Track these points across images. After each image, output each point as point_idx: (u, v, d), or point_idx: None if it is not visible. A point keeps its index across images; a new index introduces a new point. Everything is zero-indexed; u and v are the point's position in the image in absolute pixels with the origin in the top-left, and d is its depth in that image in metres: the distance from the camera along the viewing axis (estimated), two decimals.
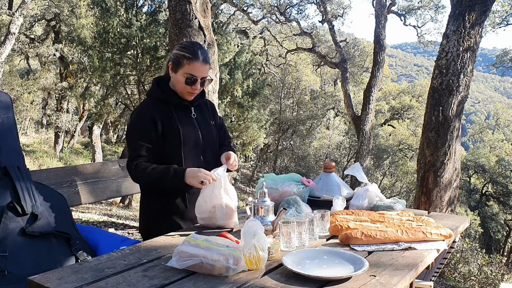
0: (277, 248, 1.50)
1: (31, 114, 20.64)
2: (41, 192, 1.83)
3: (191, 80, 1.95)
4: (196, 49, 1.96)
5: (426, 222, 1.84)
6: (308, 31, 15.46)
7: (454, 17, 5.28)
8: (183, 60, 1.94)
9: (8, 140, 1.85)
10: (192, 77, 1.94)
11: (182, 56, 1.94)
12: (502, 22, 12.04)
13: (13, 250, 1.61)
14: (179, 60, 1.95)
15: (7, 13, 12.10)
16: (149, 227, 2.02)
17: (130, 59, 9.35)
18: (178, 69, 1.96)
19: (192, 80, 1.95)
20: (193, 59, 1.93)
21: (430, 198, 5.36)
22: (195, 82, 1.96)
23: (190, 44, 2.02)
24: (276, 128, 18.70)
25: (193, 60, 1.93)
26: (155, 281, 1.27)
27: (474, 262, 6.52)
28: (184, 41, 2.12)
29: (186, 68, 1.94)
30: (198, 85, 1.98)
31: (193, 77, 1.95)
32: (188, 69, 1.94)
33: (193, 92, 2.00)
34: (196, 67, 1.94)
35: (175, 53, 1.98)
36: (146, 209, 2.05)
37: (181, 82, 1.96)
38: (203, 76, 1.98)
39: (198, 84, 1.97)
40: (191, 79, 1.95)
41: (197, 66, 1.94)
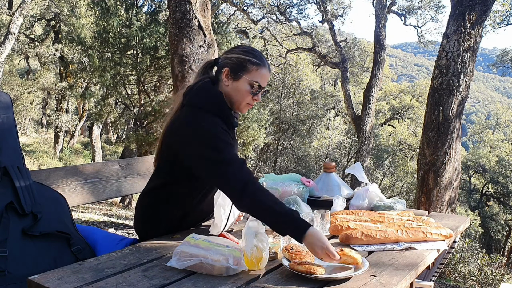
0: (277, 248, 1.50)
1: (31, 114, 20.66)
2: (41, 192, 1.83)
3: (257, 89, 1.69)
4: (261, 54, 1.74)
5: (426, 222, 1.84)
6: (308, 31, 15.47)
7: (454, 17, 5.28)
8: (250, 66, 1.68)
9: (8, 140, 1.85)
10: (258, 85, 1.69)
11: (247, 61, 1.68)
12: (502, 22, 12.04)
13: (13, 250, 1.61)
14: (244, 65, 1.68)
15: (7, 13, 12.10)
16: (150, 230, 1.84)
17: (130, 59, 9.36)
18: (241, 76, 1.68)
19: (258, 88, 1.70)
20: (261, 65, 1.69)
21: (430, 198, 5.36)
22: (259, 92, 1.71)
23: (253, 49, 1.76)
24: (276, 128, 18.70)
25: (261, 65, 1.69)
26: (155, 281, 1.27)
27: (474, 262, 6.52)
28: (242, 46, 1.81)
29: (253, 75, 1.68)
30: (260, 96, 1.73)
31: (259, 85, 1.69)
32: (256, 75, 1.68)
33: (252, 104, 1.73)
34: (263, 74, 1.70)
35: (235, 58, 1.70)
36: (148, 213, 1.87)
37: (243, 91, 1.68)
38: (265, 86, 1.74)
39: (260, 95, 1.72)
40: (257, 87, 1.69)
41: (264, 73, 1.71)
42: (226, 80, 1.70)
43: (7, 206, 1.68)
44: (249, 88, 1.68)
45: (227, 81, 1.70)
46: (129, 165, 2.67)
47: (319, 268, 1.31)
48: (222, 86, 1.72)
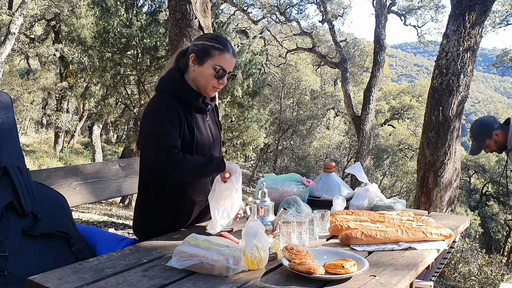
0: (277, 248, 1.50)
1: (31, 114, 20.65)
2: (41, 192, 1.83)
3: (221, 72, 1.80)
4: (225, 41, 1.85)
5: (426, 222, 1.84)
6: (308, 31, 15.46)
7: (454, 17, 5.28)
8: (213, 51, 1.79)
9: (8, 140, 1.85)
10: (222, 69, 1.80)
11: (211, 47, 1.80)
12: (502, 22, 12.04)
13: (13, 250, 1.61)
14: (208, 51, 1.80)
15: (7, 13, 12.10)
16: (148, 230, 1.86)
17: (130, 59, 9.36)
18: (205, 61, 1.80)
19: (222, 72, 1.81)
20: (224, 50, 1.81)
21: (430, 198, 5.36)
22: (224, 76, 1.82)
23: (217, 36, 1.88)
24: (276, 128, 18.70)
25: (224, 51, 1.81)
26: (155, 281, 1.27)
27: (474, 262, 6.51)
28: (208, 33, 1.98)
29: (216, 59, 1.79)
30: (225, 80, 1.84)
31: (223, 69, 1.80)
32: (219, 60, 1.80)
33: (218, 87, 1.85)
34: (227, 59, 1.81)
35: (200, 44, 1.83)
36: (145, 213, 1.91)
37: (207, 75, 1.80)
38: (230, 71, 1.85)
39: (225, 79, 1.84)
40: (221, 71, 1.80)
41: (228, 58, 1.81)
42: (193, 65, 1.83)
43: (7, 206, 1.68)
44: (213, 72, 1.80)
45: (193, 66, 1.83)
46: (129, 165, 2.67)
47: (319, 268, 1.31)
48: (189, 71, 1.85)
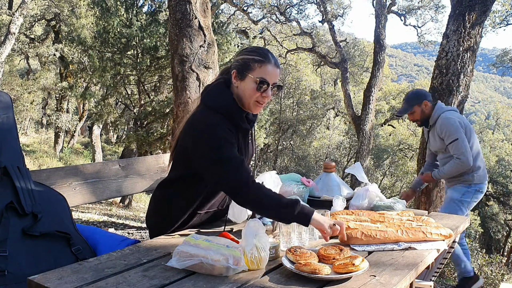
0: (277, 248, 1.50)
1: (31, 114, 20.67)
2: (41, 192, 1.83)
3: (264, 85, 1.70)
4: (266, 51, 1.77)
5: (426, 222, 1.84)
6: (308, 31, 15.46)
7: (454, 17, 5.28)
8: (253, 64, 1.71)
9: (8, 140, 1.85)
10: (265, 82, 1.70)
11: (251, 60, 1.72)
12: (502, 22, 12.04)
13: (13, 250, 1.61)
14: (248, 64, 1.71)
15: (7, 13, 12.10)
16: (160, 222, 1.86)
17: (130, 59, 9.36)
18: (246, 75, 1.71)
19: (265, 85, 1.71)
20: (265, 61, 1.72)
21: (430, 198, 5.36)
22: (267, 88, 1.72)
23: (258, 48, 1.80)
24: (276, 128, 18.70)
25: (265, 62, 1.72)
26: (155, 281, 1.27)
27: (474, 262, 6.52)
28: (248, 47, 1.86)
29: (258, 72, 1.70)
30: (269, 92, 1.73)
31: (265, 82, 1.70)
32: (260, 72, 1.70)
33: (263, 102, 1.75)
34: (269, 70, 1.71)
35: (240, 59, 1.75)
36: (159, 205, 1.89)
37: (250, 90, 1.71)
38: (275, 82, 1.75)
39: (269, 91, 1.73)
40: (264, 84, 1.70)
41: (270, 69, 1.72)
42: (235, 81, 1.75)
43: (7, 206, 1.68)
44: (255, 85, 1.71)
45: (236, 82, 1.75)
46: (129, 165, 2.67)
47: (324, 268, 1.31)
48: (233, 88, 1.77)
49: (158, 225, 1.87)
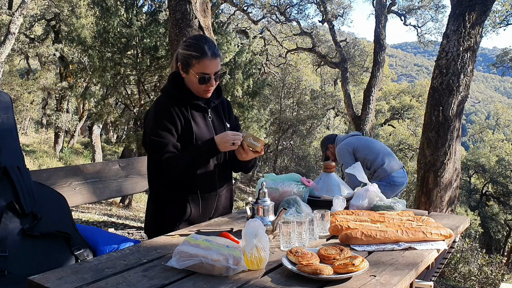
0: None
1: (31, 114, 20.67)
2: (41, 192, 1.83)
3: (204, 79, 1.85)
4: (202, 44, 1.85)
5: (426, 222, 1.83)
6: (308, 31, 15.46)
7: (454, 17, 5.28)
8: (191, 60, 1.84)
9: (8, 140, 1.85)
10: (204, 76, 1.85)
11: (189, 56, 1.85)
12: (503, 22, 12.04)
13: (13, 250, 1.61)
14: (187, 61, 1.86)
15: (7, 13, 12.11)
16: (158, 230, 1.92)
17: (130, 59, 9.35)
18: (188, 70, 1.87)
19: (206, 78, 1.85)
20: (201, 56, 1.83)
21: (430, 198, 5.36)
22: (209, 80, 1.86)
23: (195, 41, 1.90)
24: (276, 128, 18.70)
25: (201, 57, 1.83)
26: (155, 281, 1.26)
27: (474, 262, 6.52)
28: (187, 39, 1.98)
29: (197, 68, 1.84)
30: (213, 82, 1.88)
31: (206, 75, 1.85)
32: (199, 68, 1.84)
33: (208, 90, 1.91)
34: (207, 65, 1.84)
35: (181, 53, 1.89)
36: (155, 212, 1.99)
37: (194, 83, 1.87)
38: (216, 71, 1.87)
39: (212, 81, 1.88)
40: (204, 78, 1.85)
41: (207, 63, 1.84)
42: (182, 73, 1.92)
43: (7, 206, 1.68)
44: (197, 80, 1.86)
45: (182, 73, 1.92)
46: (129, 165, 2.68)
47: (326, 269, 1.31)
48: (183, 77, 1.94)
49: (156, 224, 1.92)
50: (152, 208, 2.01)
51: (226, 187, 2.07)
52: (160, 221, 1.97)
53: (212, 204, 2.00)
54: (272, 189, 2.06)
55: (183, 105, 1.90)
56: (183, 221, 1.93)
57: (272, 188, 2.07)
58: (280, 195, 2.08)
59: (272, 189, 2.06)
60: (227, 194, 2.09)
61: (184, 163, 1.83)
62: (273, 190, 2.07)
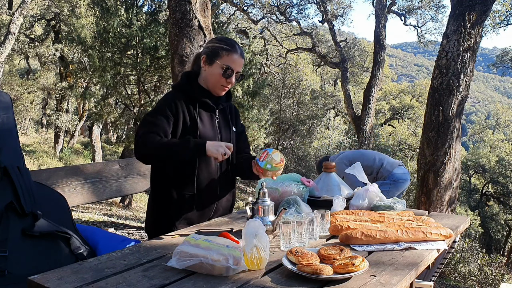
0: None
1: (31, 114, 20.67)
2: (41, 192, 1.83)
3: (228, 71, 1.91)
4: (234, 42, 1.96)
5: (426, 222, 1.83)
6: (308, 31, 15.46)
7: (455, 17, 5.28)
8: (222, 52, 1.91)
9: (8, 140, 1.85)
10: (229, 69, 1.91)
11: (220, 48, 1.92)
12: (503, 22, 12.04)
13: (13, 250, 1.61)
14: (217, 52, 1.91)
15: (7, 13, 12.10)
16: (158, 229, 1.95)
17: (130, 59, 9.35)
18: (214, 61, 1.92)
19: (229, 72, 1.92)
20: (232, 51, 1.92)
21: (430, 198, 5.36)
22: (232, 75, 1.93)
23: (227, 38, 2.00)
24: (276, 128, 18.69)
25: (231, 52, 1.91)
26: (155, 281, 1.26)
27: (474, 262, 6.51)
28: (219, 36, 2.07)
29: (225, 59, 1.91)
30: (233, 79, 1.94)
31: (230, 69, 1.91)
32: (227, 60, 1.91)
33: (227, 86, 1.96)
34: (235, 59, 1.92)
35: (210, 46, 1.95)
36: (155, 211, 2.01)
37: (216, 75, 1.92)
38: (238, 71, 1.95)
39: (233, 78, 1.94)
40: (228, 70, 1.91)
41: (235, 59, 1.92)
42: (204, 66, 1.96)
43: (7, 206, 1.68)
44: (221, 71, 1.91)
45: (204, 66, 1.96)
46: (129, 165, 2.68)
47: (326, 269, 1.31)
48: (202, 72, 1.98)
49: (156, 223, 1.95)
50: (152, 207, 2.03)
51: (228, 191, 2.09)
52: (160, 220, 1.98)
53: (212, 206, 2.01)
54: (272, 189, 2.06)
55: (192, 101, 1.94)
56: (181, 219, 1.94)
57: (272, 188, 2.07)
58: (280, 195, 2.08)
59: (272, 189, 2.06)
60: (229, 197, 2.11)
61: (160, 145, 1.80)
62: (273, 190, 2.07)
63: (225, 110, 2.07)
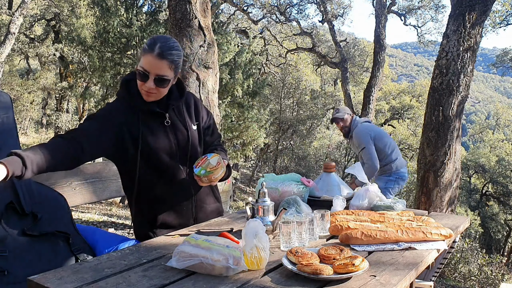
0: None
1: (31, 114, 20.68)
2: (41, 192, 1.83)
3: (142, 75, 1.65)
4: (157, 41, 1.66)
5: (426, 222, 1.84)
6: (308, 31, 15.47)
7: (454, 17, 5.28)
8: (142, 52, 1.67)
9: (8, 140, 1.85)
10: (143, 72, 1.65)
11: (142, 48, 1.68)
12: (502, 22, 12.05)
13: (13, 250, 1.61)
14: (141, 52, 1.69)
15: (7, 13, 12.11)
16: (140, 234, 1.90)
17: (130, 59, 9.36)
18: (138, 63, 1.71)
19: (143, 75, 1.65)
20: (147, 50, 1.65)
21: (430, 198, 5.36)
22: (146, 79, 1.65)
23: (156, 37, 1.71)
24: (276, 128, 18.70)
25: (147, 51, 1.65)
26: (155, 281, 1.26)
27: (474, 262, 6.52)
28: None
29: (141, 61, 1.66)
30: (151, 83, 1.66)
31: (144, 72, 1.64)
32: (142, 61, 1.65)
33: (148, 91, 1.68)
34: (148, 60, 1.64)
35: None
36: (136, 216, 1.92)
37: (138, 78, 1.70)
38: (158, 74, 1.65)
39: (150, 82, 1.65)
40: (141, 73, 1.65)
41: (149, 59, 1.64)
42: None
43: (7, 206, 1.68)
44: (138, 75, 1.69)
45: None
46: None
47: (326, 269, 1.31)
48: None
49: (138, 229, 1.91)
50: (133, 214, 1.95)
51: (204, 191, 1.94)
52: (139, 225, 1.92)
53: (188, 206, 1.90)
54: (272, 189, 2.06)
55: (134, 112, 1.73)
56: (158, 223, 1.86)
57: (272, 188, 2.07)
58: (280, 195, 2.08)
59: (272, 189, 2.06)
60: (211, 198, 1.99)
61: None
62: (273, 190, 2.07)
63: (179, 109, 1.84)
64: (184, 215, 1.89)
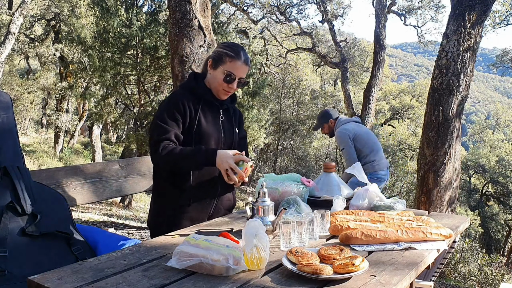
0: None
1: (31, 114, 20.68)
2: (41, 192, 1.83)
3: (230, 78, 1.97)
4: (239, 49, 2.00)
5: (426, 222, 1.84)
6: (308, 31, 15.46)
7: (454, 17, 5.28)
8: (225, 58, 1.97)
9: (8, 140, 1.85)
10: (231, 75, 1.97)
11: (224, 54, 1.98)
12: (502, 22, 12.04)
13: (13, 250, 1.61)
14: (221, 57, 1.98)
15: (7, 13, 12.10)
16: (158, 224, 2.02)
17: (130, 59, 9.35)
18: (218, 66, 1.98)
19: (231, 78, 1.97)
20: (235, 57, 1.97)
21: (430, 198, 5.36)
22: (233, 81, 1.99)
23: (234, 44, 2.05)
24: (276, 128, 18.69)
25: (235, 58, 1.97)
26: (155, 281, 1.27)
27: (474, 262, 6.52)
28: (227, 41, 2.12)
29: (227, 66, 1.97)
30: (235, 85, 2.00)
31: (232, 75, 1.97)
32: (229, 66, 1.97)
33: (228, 91, 2.02)
34: (237, 66, 1.97)
35: (217, 51, 2.02)
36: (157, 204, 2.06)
37: (219, 79, 1.98)
38: (241, 77, 2.01)
39: (235, 84, 1.99)
40: (230, 76, 1.97)
41: (238, 65, 1.97)
42: (209, 69, 2.03)
43: (7, 206, 1.68)
44: (223, 77, 1.97)
45: (210, 69, 2.03)
46: (129, 165, 2.68)
47: (326, 269, 1.31)
48: (207, 74, 2.05)
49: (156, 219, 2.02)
50: (153, 200, 2.07)
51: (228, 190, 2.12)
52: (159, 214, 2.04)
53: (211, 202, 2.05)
54: (272, 189, 2.06)
55: (197, 99, 2.00)
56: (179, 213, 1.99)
57: (272, 188, 2.07)
58: (280, 195, 2.08)
59: (272, 189, 2.06)
60: (230, 196, 2.16)
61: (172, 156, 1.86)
62: (273, 190, 2.07)
63: (229, 111, 2.12)
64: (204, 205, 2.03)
